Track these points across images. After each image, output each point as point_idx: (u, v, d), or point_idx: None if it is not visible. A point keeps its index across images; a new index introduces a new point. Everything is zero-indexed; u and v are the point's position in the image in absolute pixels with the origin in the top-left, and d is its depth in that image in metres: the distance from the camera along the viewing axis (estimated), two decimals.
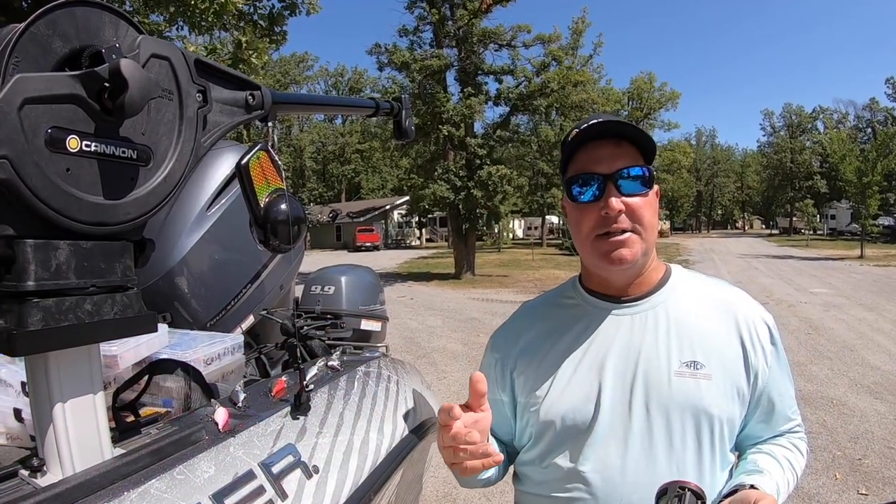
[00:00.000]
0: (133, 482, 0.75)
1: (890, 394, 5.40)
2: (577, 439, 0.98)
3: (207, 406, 1.05)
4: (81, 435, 0.76)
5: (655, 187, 1.02)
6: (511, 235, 46.97)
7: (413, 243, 47.16)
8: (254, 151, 0.95)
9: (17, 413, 1.00)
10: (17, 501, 0.67)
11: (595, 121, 0.98)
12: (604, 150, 0.98)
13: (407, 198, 33.23)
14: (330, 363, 1.39)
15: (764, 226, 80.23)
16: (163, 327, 1.29)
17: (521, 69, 18.11)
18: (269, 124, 1.07)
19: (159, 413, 1.07)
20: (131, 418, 1.05)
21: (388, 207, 44.97)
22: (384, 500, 1.23)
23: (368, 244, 39.09)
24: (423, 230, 49.54)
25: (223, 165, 1.85)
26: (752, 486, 0.90)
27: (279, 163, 1.01)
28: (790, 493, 1.00)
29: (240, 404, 1.07)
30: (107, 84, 0.68)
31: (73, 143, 0.69)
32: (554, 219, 45.09)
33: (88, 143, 0.71)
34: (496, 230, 33.56)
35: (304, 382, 1.12)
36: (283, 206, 0.96)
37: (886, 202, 33.40)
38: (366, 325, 2.34)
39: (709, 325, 1.00)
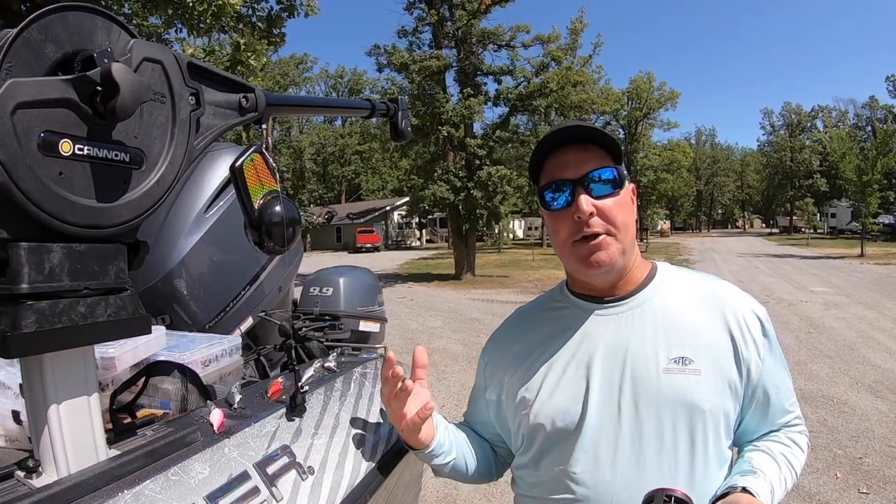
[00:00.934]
0: (128, 483, 0.76)
1: (891, 392, 5.40)
2: (566, 441, 0.98)
3: (204, 407, 1.05)
4: (76, 436, 0.77)
5: (630, 186, 1.03)
6: (511, 236, 46.95)
7: (413, 244, 47.18)
8: (248, 154, 0.95)
9: (16, 415, 1.01)
10: (12, 502, 0.68)
11: (559, 128, 0.99)
12: (570, 156, 0.99)
13: (407, 199, 33.28)
14: (326, 364, 1.40)
15: (764, 225, 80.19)
16: (161, 329, 1.29)
17: (521, 69, 18.13)
18: (264, 126, 1.07)
19: (155, 415, 1.08)
20: (128, 420, 1.05)
21: (388, 208, 44.98)
22: (381, 500, 1.23)
23: (369, 245, 39.09)
24: (424, 231, 49.56)
25: (221, 167, 1.85)
26: (744, 489, 0.89)
27: (274, 165, 1.01)
28: (789, 491, 0.99)
29: (235, 405, 1.07)
30: (99, 88, 0.69)
31: (65, 146, 0.69)
32: None
33: (81, 146, 0.71)
34: (496, 231, 33.55)
35: (300, 384, 1.12)
36: (278, 208, 0.97)
37: (886, 200, 33.31)
38: (364, 326, 2.34)
39: (696, 319, 0.99)
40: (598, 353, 1.00)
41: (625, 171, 1.00)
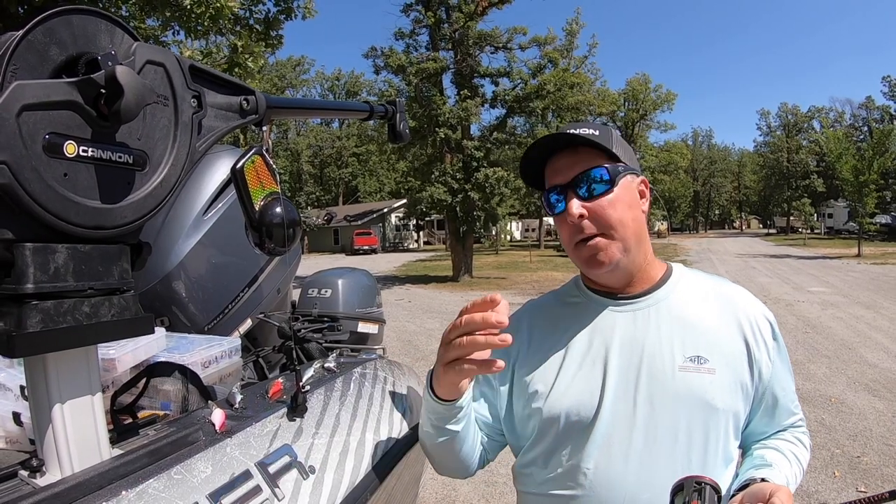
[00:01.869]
0: (131, 482, 0.76)
1: (888, 391, 5.42)
2: (580, 435, 0.98)
3: (205, 408, 1.06)
4: (80, 435, 0.77)
5: (635, 179, 1.02)
6: (509, 237, 47.05)
7: (411, 246, 47.21)
8: (248, 155, 0.96)
9: (17, 417, 1.01)
10: (16, 501, 0.68)
11: (541, 139, 1.01)
12: (560, 161, 1.00)
13: (404, 201, 33.23)
14: (326, 365, 1.40)
15: (761, 225, 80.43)
16: (160, 331, 1.29)
17: (518, 71, 18.18)
18: (264, 128, 1.08)
19: (157, 415, 1.08)
20: (130, 421, 1.06)
21: (385, 210, 44.98)
22: (381, 500, 1.24)
23: (366, 247, 39.11)
24: (421, 233, 49.58)
25: (220, 169, 1.86)
26: (762, 480, 0.90)
27: (274, 166, 1.01)
28: (797, 487, 1.01)
29: (236, 406, 1.08)
30: (103, 90, 0.69)
31: (70, 148, 0.70)
32: (552, 220, 45.10)
33: (85, 148, 0.72)
34: (494, 232, 33.58)
35: (301, 384, 1.12)
36: (278, 210, 0.97)
37: (883, 200, 33.51)
38: (363, 327, 2.35)
39: (711, 321, 1.00)
40: (615, 348, 1.00)
41: (621, 168, 0.99)
